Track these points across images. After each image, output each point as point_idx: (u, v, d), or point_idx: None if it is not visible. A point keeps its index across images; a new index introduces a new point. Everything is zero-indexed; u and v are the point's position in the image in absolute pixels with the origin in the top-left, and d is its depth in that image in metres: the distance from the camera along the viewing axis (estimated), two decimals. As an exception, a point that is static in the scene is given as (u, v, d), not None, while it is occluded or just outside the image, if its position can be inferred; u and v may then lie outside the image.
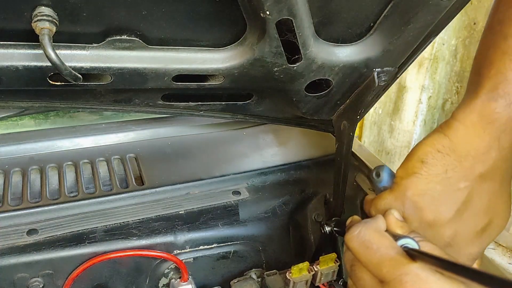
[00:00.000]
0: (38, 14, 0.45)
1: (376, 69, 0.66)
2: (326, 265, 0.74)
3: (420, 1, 0.55)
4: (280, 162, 0.92)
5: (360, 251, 0.51)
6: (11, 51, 0.51)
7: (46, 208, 0.73)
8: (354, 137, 0.75)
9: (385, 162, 0.83)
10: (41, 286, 0.65)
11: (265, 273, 0.73)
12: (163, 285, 0.73)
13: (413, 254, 0.48)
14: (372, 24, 0.60)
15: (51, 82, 0.55)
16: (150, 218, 0.74)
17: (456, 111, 0.62)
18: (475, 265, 0.64)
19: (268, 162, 0.92)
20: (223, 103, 0.73)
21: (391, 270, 0.47)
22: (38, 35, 0.45)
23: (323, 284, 0.77)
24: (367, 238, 0.51)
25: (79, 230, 0.69)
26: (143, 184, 0.81)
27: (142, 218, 0.73)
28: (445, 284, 0.45)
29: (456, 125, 0.60)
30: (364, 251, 0.51)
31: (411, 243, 0.50)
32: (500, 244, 2.11)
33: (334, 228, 0.75)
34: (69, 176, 0.82)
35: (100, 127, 0.97)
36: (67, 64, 0.48)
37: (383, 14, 0.58)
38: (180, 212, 0.76)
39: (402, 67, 0.68)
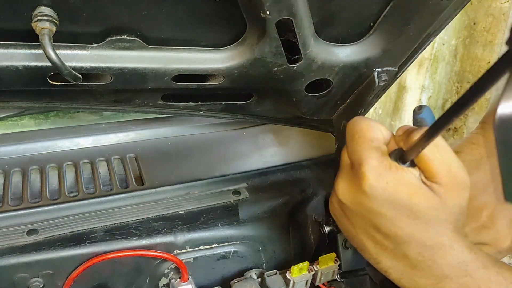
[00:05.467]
0: (38, 14, 0.45)
1: (376, 69, 0.66)
2: (326, 265, 0.74)
3: (420, 1, 0.55)
4: (280, 162, 0.92)
5: (352, 135, 0.52)
6: (11, 51, 0.51)
7: (46, 208, 0.73)
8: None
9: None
10: (41, 286, 0.65)
11: (265, 273, 0.73)
12: (163, 285, 0.73)
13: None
14: (372, 24, 0.60)
15: (51, 82, 0.55)
16: (150, 218, 0.74)
17: (488, 113, 0.64)
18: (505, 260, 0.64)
19: (268, 162, 0.92)
20: (223, 103, 0.73)
21: (363, 154, 0.49)
22: (38, 35, 0.45)
23: (323, 284, 0.77)
24: (365, 127, 0.52)
25: (79, 230, 0.69)
26: (143, 184, 0.81)
27: (142, 218, 0.73)
28: (403, 174, 0.47)
29: (487, 129, 0.62)
30: (354, 135, 0.52)
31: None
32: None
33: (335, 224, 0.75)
34: (69, 176, 0.82)
35: (100, 127, 0.97)
36: (67, 64, 0.48)
37: (383, 14, 0.58)
38: (180, 212, 0.76)
39: (402, 67, 0.68)
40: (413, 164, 0.48)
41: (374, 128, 0.51)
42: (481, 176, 0.63)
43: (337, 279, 0.77)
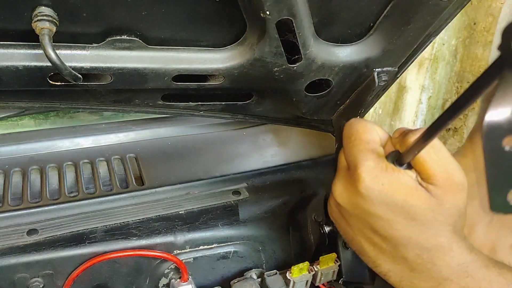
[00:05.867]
0: (38, 14, 0.45)
1: (376, 69, 0.65)
2: (326, 265, 0.74)
3: (420, 1, 0.55)
4: (280, 162, 0.92)
5: (348, 137, 0.52)
6: (11, 51, 0.51)
7: (46, 208, 0.73)
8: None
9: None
10: (41, 286, 0.65)
11: (265, 273, 0.73)
12: (163, 285, 0.73)
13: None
14: (372, 24, 0.60)
15: (51, 82, 0.55)
16: (150, 218, 0.74)
17: (472, 133, 0.63)
18: None
19: (268, 162, 0.92)
20: (223, 103, 0.73)
21: (359, 156, 0.49)
22: (38, 35, 0.45)
23: (323, 284, 0.77)
24: (361, 129, 0.52)
25: (79, 230, 0.69)
26: (143, 184, 0.81)
27: (142, 218, 0.73)
28: (399, 176, 0.47)
29: (475, 146, 0.61)
30: (351, 137, 0.52)
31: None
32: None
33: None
34: (69, 176, 0.82)
35: (100, 127, 0.97)
36: (67, 64, 0.48)
37: (383, 14, 0.58)
38: (180, 212, 0.76)
39: (402, 67, 0.68)
40: (410, 166, 0.48)
41: (370, 130, 0.51)
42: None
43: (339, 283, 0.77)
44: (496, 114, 0.35)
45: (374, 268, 0.54)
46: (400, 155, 0.48)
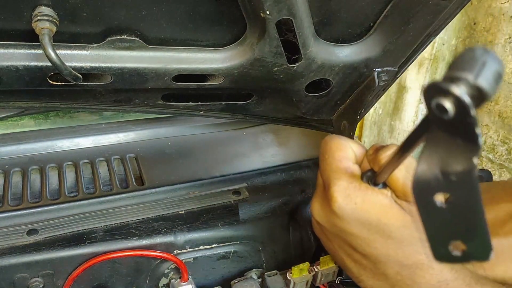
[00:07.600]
0: (38, 14, 0.45)
1: (376, 69, 0.66)
2: (327, 266, 0.74)
3: (420, 1, 0.55)
4: (280, 162, 0.92)
5: (322, 155, 0.52)
6: (11, 51, 0.51)
7: (46, 208, 0.73)
8: (354, 137, 0.75)
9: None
10: (41, 286, 0.65)
11: (266, 273, 0.73)
12: (163, 285, 0.73)
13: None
14: (372, 24, 0.60)
15: (51, 82, 0.55)
16: (150, 218, 0.74)
17: None
18: None
19: (268, 162, 0.92)
20: (223, 103, 0.73)
21: (332, 175, 0.49)
22: (38, 35, 0.45)
23: (323, 285, 0.77)
24: (334, 147, 0.51)
25: (79, 230, 0.69)
26: (143, 184, 0.81)
27: (142, 218, 0.73)
28: (373, 194, 0.47)
29: None
30: (324, 155, 0.52)
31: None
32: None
33: None
34: (69, 176, 0.82)
35: (100, 127, 0.97)
36: (67, 64, 0.48)
37: (383, 14, 0.58)
38: (180, 212, 0.76)
39: (402, 67, 0.68)
40: (385, 185, 0.48)
41: (343, 147, 0.51)
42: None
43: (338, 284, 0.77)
44: (424, 172, 0.35)
45: (358, 283, 0.53)
46: (375, 175, 0.48)
